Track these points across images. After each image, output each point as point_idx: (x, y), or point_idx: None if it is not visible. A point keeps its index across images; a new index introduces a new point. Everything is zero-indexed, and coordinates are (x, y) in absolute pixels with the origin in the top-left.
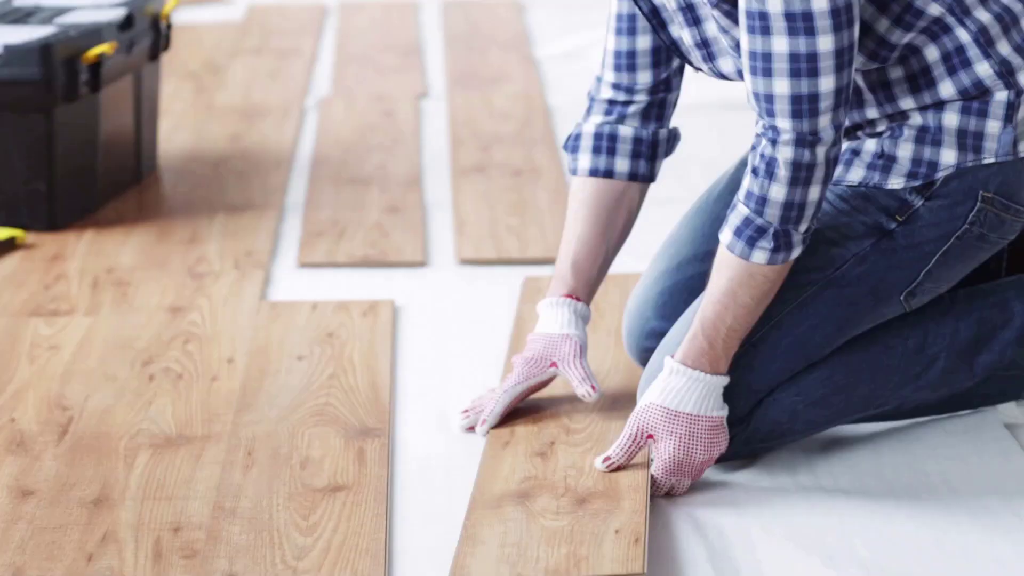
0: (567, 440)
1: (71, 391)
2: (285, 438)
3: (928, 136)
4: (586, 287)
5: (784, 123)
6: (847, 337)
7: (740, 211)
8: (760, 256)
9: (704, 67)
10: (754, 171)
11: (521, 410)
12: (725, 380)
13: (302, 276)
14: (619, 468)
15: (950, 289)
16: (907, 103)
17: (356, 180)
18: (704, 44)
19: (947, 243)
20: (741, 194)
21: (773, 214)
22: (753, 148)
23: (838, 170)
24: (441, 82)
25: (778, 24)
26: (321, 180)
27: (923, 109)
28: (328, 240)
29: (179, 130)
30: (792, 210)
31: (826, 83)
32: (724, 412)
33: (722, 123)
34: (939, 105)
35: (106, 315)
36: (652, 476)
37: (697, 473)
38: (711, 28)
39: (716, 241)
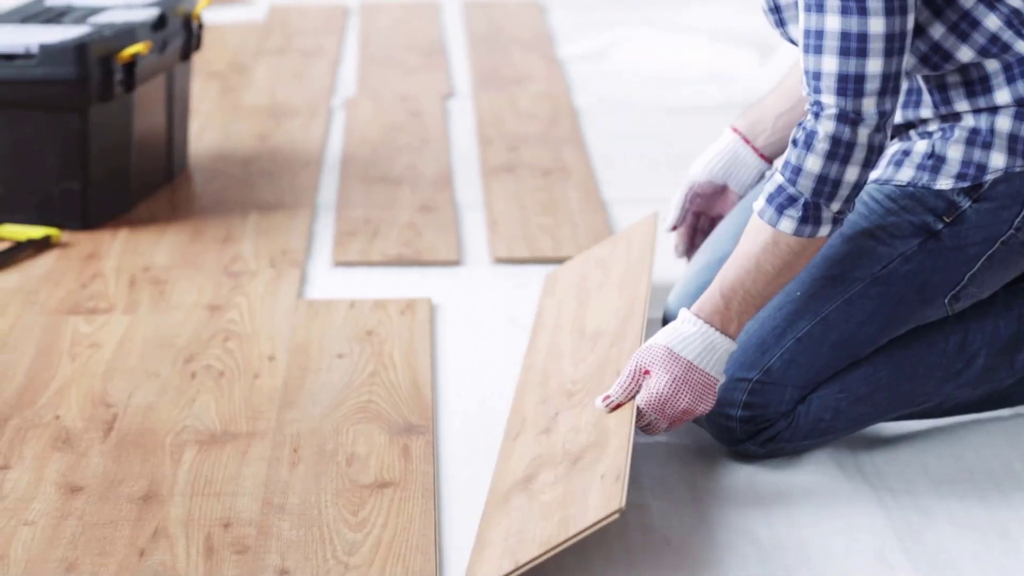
0: (568, 404)
1: (114, 388)
2: (330, 435)
3: (979, 138)
4: (752, 125)
5: (829, 99)
6: (891, 336)
7: (775, 179)
8: (787, 224)
9: (776, 32)
10: (794, 142)
11: (532, 392)
12: (732, 346)
13: (337, 275)
14: (618, 406)
15: None
16: (962, 105)
17: (386, 179)
18: (776, 10)
19: (992, 247)
20: (779, 163)
21: (806, 185)
22: (799, 124)
23: (888, 170)
24: (466, 82)
25: (832, 3)
26: (351, 179)
27: (977, 112)
28: (362, 239)
29: (207, 130)
30: (825, 184)
31: (873, 65)
32: (722, 379)
33: None
34: (993, 110)
35: (145, 313)
36: (637, 406)
37: (676, 419)
38: None
39: None
